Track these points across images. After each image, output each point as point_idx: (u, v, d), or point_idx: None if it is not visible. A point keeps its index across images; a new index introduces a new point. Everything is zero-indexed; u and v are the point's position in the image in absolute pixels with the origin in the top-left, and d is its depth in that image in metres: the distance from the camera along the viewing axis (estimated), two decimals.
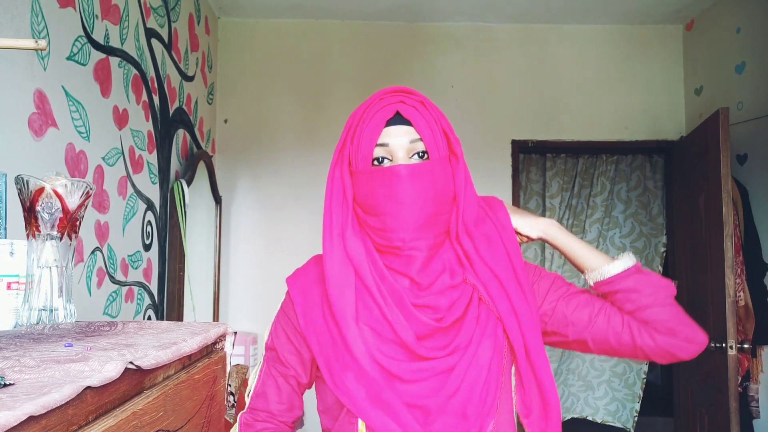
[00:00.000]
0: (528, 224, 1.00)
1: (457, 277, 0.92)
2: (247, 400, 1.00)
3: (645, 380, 3.81)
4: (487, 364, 0.88)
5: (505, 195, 3.35)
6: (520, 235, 1.01)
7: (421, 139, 0.90)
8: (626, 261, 0.96)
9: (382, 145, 0.91)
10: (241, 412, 1.01)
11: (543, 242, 1.24)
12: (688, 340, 0.91)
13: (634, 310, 0.93)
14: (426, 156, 0.91)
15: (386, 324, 0.88)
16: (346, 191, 0.94)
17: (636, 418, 3.76)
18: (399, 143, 0.90)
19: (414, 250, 0.89)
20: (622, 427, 3.77)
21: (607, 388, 3.82)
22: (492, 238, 0.94)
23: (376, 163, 0.91)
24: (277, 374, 0.98)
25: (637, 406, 3.78)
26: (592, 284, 0.98)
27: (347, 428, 0.90)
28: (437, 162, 0.90)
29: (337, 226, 0.93)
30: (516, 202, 3.37)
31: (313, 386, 1.02)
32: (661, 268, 3.71)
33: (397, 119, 0.91)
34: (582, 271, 1.00)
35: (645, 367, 3.80)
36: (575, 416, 3.80)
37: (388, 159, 0.91)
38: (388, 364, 0.87)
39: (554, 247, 1.01)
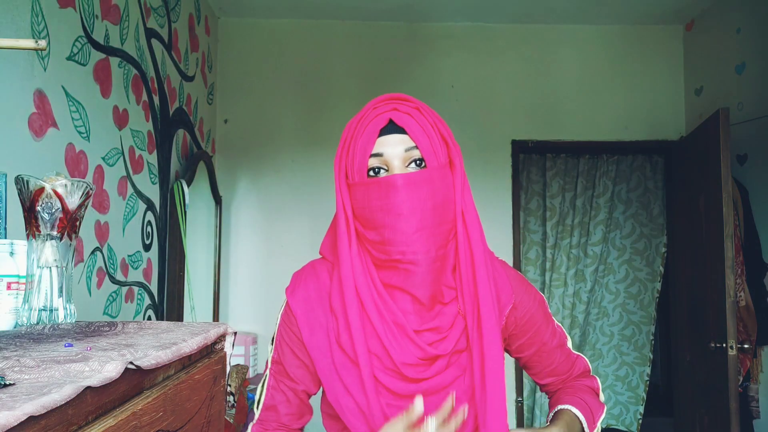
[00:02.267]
0: None
1: (450, 293, 0.92)
2: (257, 413, 0.98)
3: (648, 382, 3.78)
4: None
5: (505, 195, 3.36)
6: None
7: (417, 147, 0.86)
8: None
9: (376, 155, 0.87)
10: (251, 423, 0.99)
11: (544, 245, 1.26)
12: None
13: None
14: (423, 164, 0.87)
15: (385, 353, 0.88)
16: (345, 206, 0.91)
17: (640, 421, 3.73)
18: (394, 152, 0.86)
19: (414, 264, 0.86)
20: (626, 430, 3.75)
21: (611, 393, 3.80)
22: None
23: (372, 174, 0.88)
24: (285, 388, 0.97)
25: (641, 409, 3.75)
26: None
27: None
28: (435, 170, 0.86)
29: (341, 244, 0.91)
30: (516, 202, 3.37)
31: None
32: (662, 269, 3.70)
33: (391, 127, 0.87)
34: None
35: (648, 369, 3.78)
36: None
37: (384, 169, 0.88)
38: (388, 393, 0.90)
39: None
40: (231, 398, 2.28)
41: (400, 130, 0.87)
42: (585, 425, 0.97)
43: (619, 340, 3.85)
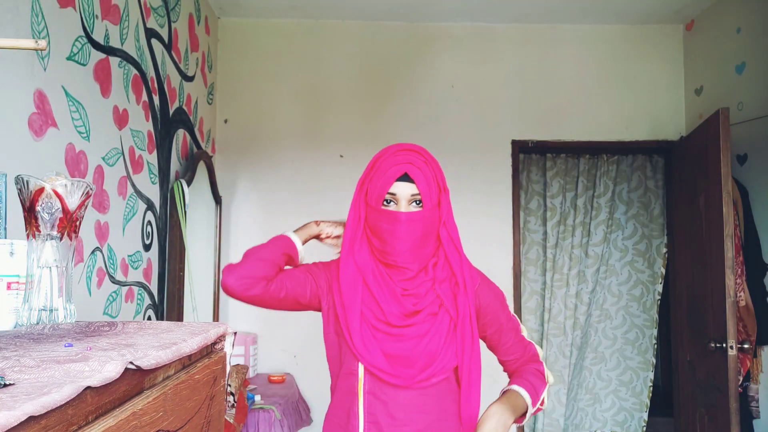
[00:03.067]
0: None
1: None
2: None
3: (651, 388, 3.72)
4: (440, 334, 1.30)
5: (506, 195, 3.36)
6: None
7: (419, 193, 1.26)
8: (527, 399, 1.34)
9: (391, 193, 1.26)
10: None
11: (545, 245, 1.43)
12: None
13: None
14: (421, 204, 1.27)
15: (379, 311, 1.29)
16: (361, 216, 1.32)
17: (644, 428, 3.67)
18: (404, 195, 1.26)
19: (404, 268, 1.28)
20: None
21: (614, 398, 3.73)
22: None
23: (385, 203, 1.27)
24: (284, 275, 1.35)
25: (646, 416, 3.69)
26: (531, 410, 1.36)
27: (352, 366, 1.30)
28: (429, 210, 1.27)
29: (353, 240, 1.32)
30: (516, 202, 3.36)
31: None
32: (663, 270, 3.67)
33: (405, 177, 1.26)
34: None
35: (651, 375, 3.71)
36: None
37: (394, 203, 1.27)
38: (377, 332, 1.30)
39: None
40: (231, 398, 2.28)
41: (411, 180, 1.26)
42: (529, 400, 1.32)
43: (622, 344, 3.78)
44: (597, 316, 3.80)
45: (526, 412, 1.33)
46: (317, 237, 1.44)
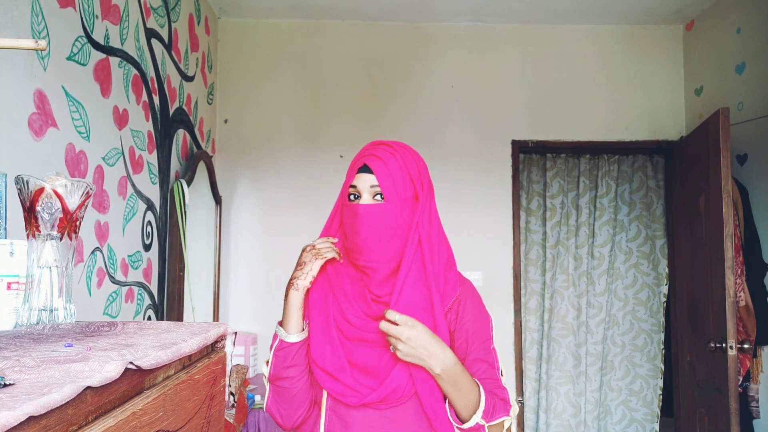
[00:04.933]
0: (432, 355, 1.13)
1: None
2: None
3: (661, 396, 3.63)
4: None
5: (506, 195, 3.36)
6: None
7: (379, 185, 1.15)
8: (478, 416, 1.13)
9: (353, 186, 1.18)
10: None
11: (545, 245, 1.36)
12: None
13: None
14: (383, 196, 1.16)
15: (341, 313, 1.17)
16: (334, 217, 1.25)
17: None
18: (363, 187, 1.17)
19: (368, 268, 1.17)
20: None
21: (625, 409, 3.66)
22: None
23: (351, 198, 1.19)
24: None
25: (657, 427, 3.60)
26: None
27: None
28: (392, 203, 1.15)
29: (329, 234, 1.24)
30: (516, 202, 3.36)
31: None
32: (667, 270, 3.63)
33: (365, 168, 1.17)
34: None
35: (660, 382, 3.63)
36: None
37: (359, 197, 1.18)
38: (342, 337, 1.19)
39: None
40: (231, 398, 2.28)
41: (370, 171, 1.16)
42: (482, 405, 1.11)
43: (630, 351, 3.68)
44: (607, 322, 3.70)
45: (462, 406, 1.12)
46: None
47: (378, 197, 1.16)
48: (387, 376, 1.12)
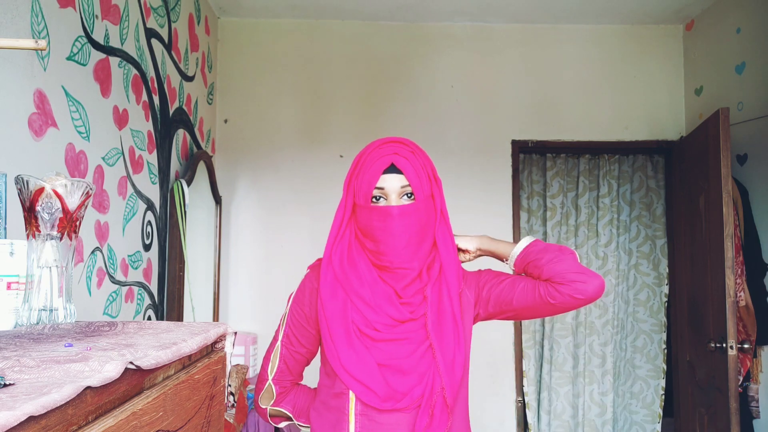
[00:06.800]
0: (465, 240, 1.29)
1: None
2: (271, 375, 1.31)
3: (663, 396, 3.60)
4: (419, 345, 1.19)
5: (506, 195, 3.35)
6: (462, 251, 1.29)
7: (409, 185, 1.16)
8: (525, 241, 1.26)
9: (379, 188, 1.17)
10: (269, 380, 1.31)
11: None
12: (583, 283, 1.15)
13: (539, 274, 1.19)
14: (413, 197, 1.17)
15: (365, 319, 1.18)
16: (344, 220, 1.23)
17: None
18: (392, 188, 1.17)
19: (401, 270, 1.17)
20: None
21: (627, 413, 3.63)
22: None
23: (374, 200, 1.18)
24: (296, 354, 1.31)
25: (659, 427, 3.56)
26: (512, 267, 1.27)
27: (342, 386, 1.18)
28: (421, 202, 1.17)
29: (332, 246, 1.22)
30: (516, 202, 3.36)
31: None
32: (668, 270, 3.61)
33: (392, 169, 1.16)
34: (505, 260, 1.28)
35: (662, 382, 3.61)
36: None
37: (383, 198, 1.17)
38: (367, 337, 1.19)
39: (490, 254, 1.31)
40: (231, 398, 2.28)
41: (399, 171, 1.16)
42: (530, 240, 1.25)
43: (631, 353, 3.67)
44: (615, 326, 3.66)
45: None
46: None
47: (405, 198, 1.17)
48: (419, 373, 1.15)
